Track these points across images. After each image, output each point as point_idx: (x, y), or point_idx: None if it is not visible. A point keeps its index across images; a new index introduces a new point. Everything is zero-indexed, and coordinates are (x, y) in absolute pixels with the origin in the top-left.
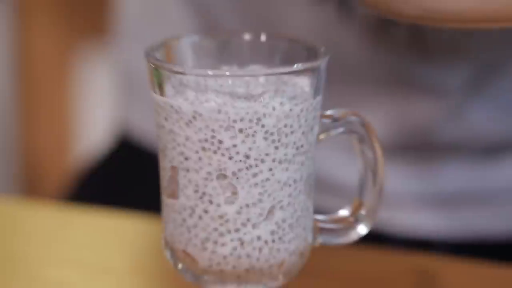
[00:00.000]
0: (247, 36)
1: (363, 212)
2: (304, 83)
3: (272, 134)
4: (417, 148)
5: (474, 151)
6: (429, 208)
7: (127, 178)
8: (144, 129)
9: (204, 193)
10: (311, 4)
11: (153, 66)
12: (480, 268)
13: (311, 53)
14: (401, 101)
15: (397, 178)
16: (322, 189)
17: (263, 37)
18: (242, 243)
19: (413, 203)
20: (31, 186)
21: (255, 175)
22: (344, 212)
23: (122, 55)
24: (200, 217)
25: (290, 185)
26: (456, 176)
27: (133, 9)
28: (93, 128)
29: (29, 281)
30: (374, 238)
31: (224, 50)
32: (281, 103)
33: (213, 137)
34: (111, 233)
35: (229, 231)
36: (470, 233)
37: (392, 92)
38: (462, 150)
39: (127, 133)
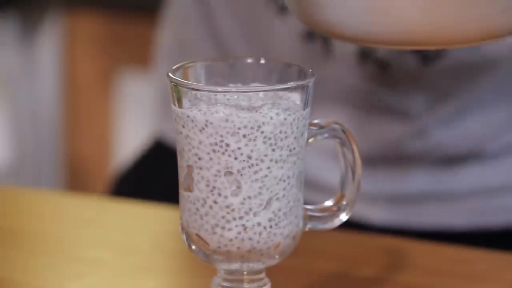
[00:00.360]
0: (249, 60)
1: (344, 202)
2: (295, 97)
3: (270, 138)
4: (388, 158)
5: (434, 161)
6: (397, 204)
7: (158, 174)
8: (173, 135)
9: (214, 187)
10: (302, 43)
11: (173, 84)
12: (441, 249)
13: (301, 74)
14: (374, 122)
15: (371, 181)
16: (310, 185)
17: (262, 61)
18: (245, 228)
19: (385, 200)
20: (76, 186)
21: (256, 172)
22: (328, 203)
23: (157, 76)
24: (210, 207)
25: (284, 181)
26: (419, 180)
27: (167, 42)
28: (132, 135)
29: (70, 259)
30: (354, 225)
31: (230, 71)
32: (277, 114)
33: (221, 141)
34: (138, 219)
35: (234, 219)
36: (431, 224)
37: (366, 115)
38: (425, 160)
39: (160, 138)
